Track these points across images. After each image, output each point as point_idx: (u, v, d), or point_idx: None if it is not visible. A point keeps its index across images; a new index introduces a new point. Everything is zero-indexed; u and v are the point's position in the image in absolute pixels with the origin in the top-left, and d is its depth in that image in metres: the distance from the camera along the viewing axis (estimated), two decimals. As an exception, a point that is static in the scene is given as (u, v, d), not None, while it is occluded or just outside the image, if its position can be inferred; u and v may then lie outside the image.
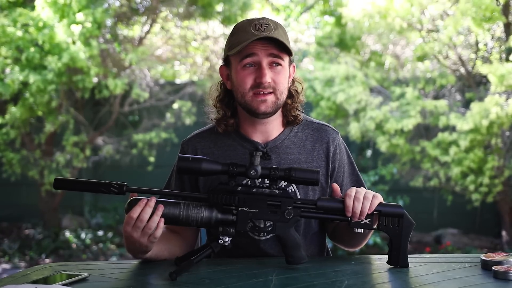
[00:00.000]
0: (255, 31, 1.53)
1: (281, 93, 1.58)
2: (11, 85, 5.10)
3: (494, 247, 6.10)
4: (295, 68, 1.67)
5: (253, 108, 1.57)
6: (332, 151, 1.68)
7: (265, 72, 1.54)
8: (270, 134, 1.66)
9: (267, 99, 1.56)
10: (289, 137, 1.67)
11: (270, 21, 1.57)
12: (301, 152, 1.66)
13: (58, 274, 1.38)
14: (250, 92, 1.56)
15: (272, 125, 1.65)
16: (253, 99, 1.56)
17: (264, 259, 1.55)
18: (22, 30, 5.01)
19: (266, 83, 1.54)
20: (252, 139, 1.65)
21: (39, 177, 5.92)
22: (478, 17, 5.12)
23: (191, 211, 1.40)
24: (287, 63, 1.60)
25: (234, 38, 1.57)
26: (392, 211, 1.45)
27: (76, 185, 1.43)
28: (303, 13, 8.69)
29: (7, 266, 5.58)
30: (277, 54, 1.55)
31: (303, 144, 1.67)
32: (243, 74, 1.56)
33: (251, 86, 1.56)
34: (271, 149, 1.65)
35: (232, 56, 1.58)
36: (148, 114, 6.77)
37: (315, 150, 1.67)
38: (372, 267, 1.47)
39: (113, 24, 6.15)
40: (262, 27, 1.53)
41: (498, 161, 5.41)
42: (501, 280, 1.32)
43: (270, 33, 1.53)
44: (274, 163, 1.62)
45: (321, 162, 1.67)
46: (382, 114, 5.52)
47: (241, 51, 1.54)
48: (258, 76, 1.54)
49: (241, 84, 1.57)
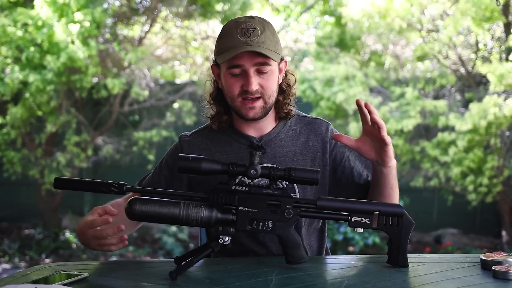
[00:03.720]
0: (241, 37, 1.53)
1: (269, 97, 1.59)
2: (10, 85, 5.10)
3: (494, 247, 6.10)
4: (287, 63, 1.68)
5: (242, 114, 1.60)
6: (328, 140, 1.70)
7: (251, 80, 1.55)
8: (264, 129, 1.68)
9: (255, 106, 1.58)
10: (283, 130, 1.70)
11: (257, 22, 1.57)
12: (295, 145, 1.68)
13: (58, 274, 1.38)
14: (239, 98, 1.58)
15: (265, 121, 1.67)
16: (242, 106, 1.59)
17: (264, 259, 1.55)
18: (22, 30, 5.01)
19: (253, 91, 1.56)
20: (246, 134, 1.67)
21: (40, 177, 5.93)
22: (478, 17, 5.12)
23: (191, 211, 1.40)
24: (276, 65, 1.61)
25: (221, 43, 1.58)
26: (392, 211, 1.45)
27: (76, 184, 1.43)
28: (303, 13, 8.69)
29: (7, 266, 5.59)
30: (263, 62, 1.56)
31: (297, 137, 1.70)
32: (231, 82, 1.58)
33: (238, 93, 1.58)
34: (266, 142, 1.67)
35: (220, 60, 1.59)
36: (148, 114, 6.77)
37: (309, 142, 1.69)
38: (371, 266, 1.47)
39: (113, 24, 6.16)
40: (248, 32, 1.54)
41: (497, 161, 5.41)
42: (500, 280, 1.32)
43: (256, 39, 1.53)
44: (270, 157, 1.65)
45: (316, 153, 1.69)
46: (382, 114, 5.52)
47: (229, 61, 1.56)
48: (245, 84, 1.56)
49: (230, 91, 1.59)
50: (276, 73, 1.61)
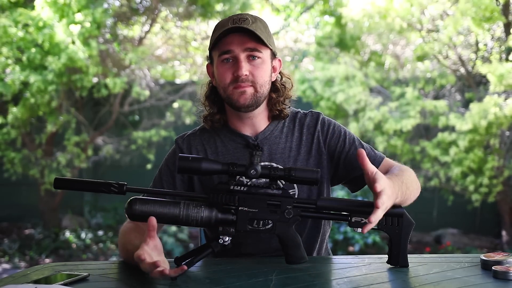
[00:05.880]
0: (232, 25, 1.55)
1: (260, 86, 1.59)
2: (11, 85, 5.10)
3: (494, 247, 6.10)
4: (282, 62, 1.69)
5: (233, 100, 1.59)
6: (320, 129, 1.68)
7: (241, 65, 1.56)
8: (258, 127, 1.68)
9: (246, 91, 1.57)
10: (277, 128, 1.69)
11: (250, 16, 1.59)
12: (291, 140, 1.68)
13: (58, 274, 1.38)
14: (231, 87, 1.58)
15: (258, 118, 1.67)
16: (233, 92, 1.59)
17: (264, 259, 1.55)
18: (23, 31, 5.01)
19: (243, 75, 1.56)
20: (242, 133, 1.67)
21: (40, 177, 5.93)
22: (478, 17, 5.12)
23: (191, 211, 1.40)
24: (268, 56, 1.61)
25: (213, 36, 1.61)
26: (392, 211, 1.45)
27: (76, 184, 1.43)
28: (303, 13, 8.68)
29: (7, 266, 5.58)
30: (253, 48, 1.56)
31: (291, 133, 1.70)
32: (222, 70, 1.59)
33: (230, 81, 1.58)
34: (261, 141, 1.67)
35: (213, 52, 1.62)
36: (148, 114, 6.77)
37: (303, 135, 1.69)
38: (372, 266, 1.47)
39: (113, 24, 6.15)
40: (239, 21, 1.56)
41: (498, 161, 5.41)
42: (501, 280, 1.32)
43: (247, 26, 1.55)
44: (266, 154, 1.65)
45: (311, 144, 1.68)
46: (381, 114, 5.52)
47: (219, 47, 1.58)
48: (235, 70, 1.57)
49: (221, 80, 1.60)
50: (268, 64, 1.61)
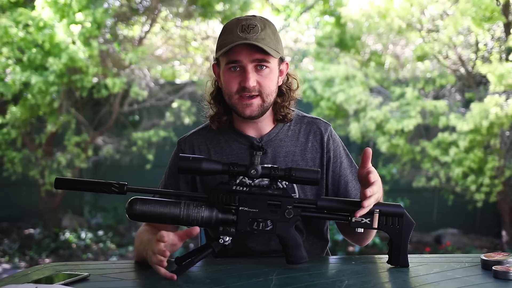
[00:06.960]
0: (241, 33, 1.52)
1: (267, 96, 1.58)
2: (12, 86, 5.10)
3: (494, 247, 6.10)
4: (289, 65, 1.67)
5: (238, 111, 1.59)
6: (326, 141, 1.69)
7: (249, 76, 1.53)
8: (263, 129, 1.67)
9: (252, 103, 1.56)
10: (282, 130, 1.69)
11: (259, 20, 1.56)
12: (295, 145, 1.68)
13: (59, 273, 1.38)
14: (236, 95, 1.57)
15: (263, 122, 1.66)
16: (239, 102, 1.57)
17: (265, 259, 1.55)
18: (23, 31, 5.01)
19: (250, 87, 1.54)
20: (247, 134, 1.67)
21: (40, 177, 5.92)
22: (478, 17, 5.12)
23: (191, 211, 1.40)
24: (276, 64, 1.59)
25: (221, 39, 1.58)
26: (392, 211, 1.45)
27: (76, 184, 1.43)
28: (303, 13, 8.68)
29: (7, 266, 5.58)
30: (262, 59, 1.54)
31: (296, 137, 1.69)
32: (229, 78, 1.57)
33: (236, 90, 1.56)
34: (266, 143, 1.66)
35: (220, 57, 1.58)
36: (148, 114, 6.76)
37: (309, 142, 1.69)
38: (372, 267, 1.47)
39: (113, 24, 6.15)
40: (248, 28, 1.53)
41: (498, 161, 5.41)
42: (501, 280, 1.32)
43: (256, 36, 1.52)
44: (270, 157, 1.65)
45: (316, 153, 1.68)
46: (383, 114, 5.52)
47: (228, 55, 1.54)
48: (242, 80, 1.55)
49: (227, 87, 1.58)
50: (276, 73, 1.59)
